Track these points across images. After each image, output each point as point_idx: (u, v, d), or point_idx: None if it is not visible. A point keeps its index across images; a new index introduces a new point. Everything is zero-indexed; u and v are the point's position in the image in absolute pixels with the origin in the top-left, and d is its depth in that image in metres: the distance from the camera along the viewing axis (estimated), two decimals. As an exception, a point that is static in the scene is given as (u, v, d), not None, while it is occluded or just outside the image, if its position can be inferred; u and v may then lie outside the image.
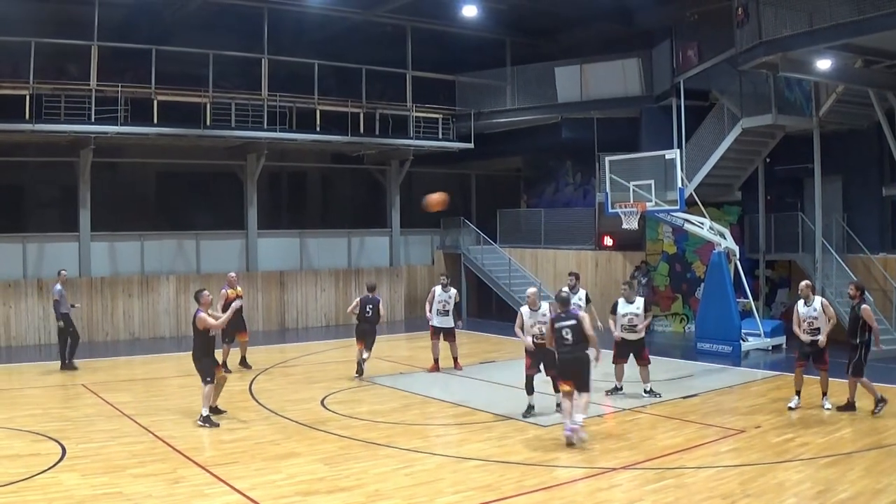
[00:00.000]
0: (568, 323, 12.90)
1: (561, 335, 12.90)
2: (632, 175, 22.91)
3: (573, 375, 12.79)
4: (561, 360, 13.04)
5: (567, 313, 13.07)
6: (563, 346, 12.93)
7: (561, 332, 12.90)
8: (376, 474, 11.26)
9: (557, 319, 13.06)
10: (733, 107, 24.42)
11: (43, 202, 28.69)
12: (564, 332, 12.87)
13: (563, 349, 12.94)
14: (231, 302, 16.62)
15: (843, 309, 21.45)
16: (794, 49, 18.78)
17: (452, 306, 19.82)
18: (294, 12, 27.16)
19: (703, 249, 25.22)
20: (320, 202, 35.58)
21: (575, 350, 12.84)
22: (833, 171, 23.80)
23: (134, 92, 24.67)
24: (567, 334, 12.85)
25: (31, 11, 25.20)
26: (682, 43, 25.78)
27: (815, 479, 10.76)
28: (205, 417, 14.10)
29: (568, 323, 12.90)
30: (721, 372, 19.48)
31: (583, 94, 28.86)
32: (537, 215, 32.25)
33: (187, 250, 27.86)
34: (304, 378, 19.20)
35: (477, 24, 29.27)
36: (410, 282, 32.26)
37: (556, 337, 12.95)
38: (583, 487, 10.76)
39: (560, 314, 13.12)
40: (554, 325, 13.05)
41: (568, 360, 12.90)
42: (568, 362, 12.90)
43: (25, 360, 21.62)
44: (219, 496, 10.34)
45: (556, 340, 12.98)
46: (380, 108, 29.47)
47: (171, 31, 27.60)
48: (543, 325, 14.24)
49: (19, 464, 11.55)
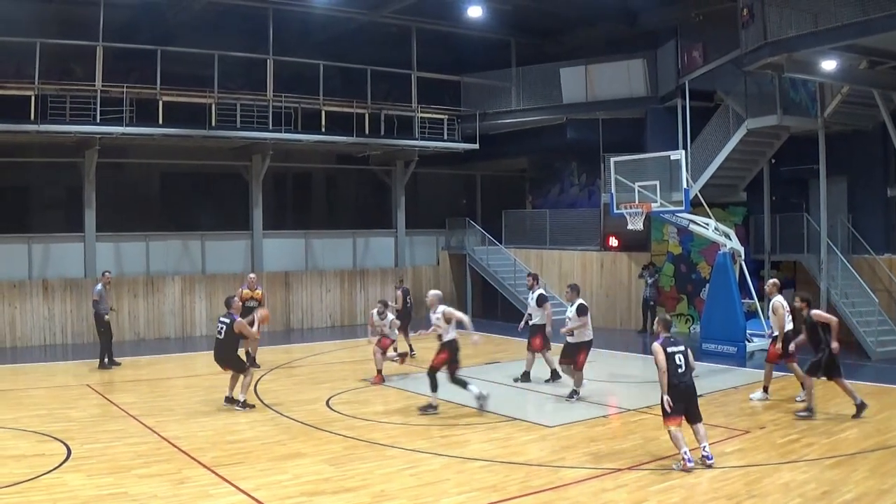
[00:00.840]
0: (678, 349, 12.02)
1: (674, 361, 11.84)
2: (637, 176, 22.90)
3: None
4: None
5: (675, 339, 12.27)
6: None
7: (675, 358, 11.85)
8: (381, 475, 11.27)
9: (668, 345, 12.00)
10: (738, 107, 24.40)
11: (48, 203, 28.72)
12: (678, 357, 11.88)
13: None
14: (245, 301, 17.97)
15: (847, 310, 21.53)
16: (800, 50, 18.75)
17: None
18: (299, 13, 27.18)
19: (709, 250, 25.19)
20: (325, 203, 35.60)
21: None
22: (838, 171, 23.76)
23: (139, 93, 24.69)
24: (680, 360, 11.89)
25: (36, 12, 25.24)
26: (687, 44, 25.80)
27: (820, 479, 10.75)
28: (243, 402, 15.45)
29: (678, 349, 12.02)
30: (726, 372, 19.46)
31: (588, 94, 28.86)
32: (542, 216, 32.25)
33: (192, 251, 27.88)
34: (309, 378, 19.22)
35: (482, 25, 29.28)
36: (416, 282, 32.20)
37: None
38: (588, 488, 10.76)
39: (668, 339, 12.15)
40: (666, 350, 11.91)
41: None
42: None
43: (31, 361, 21.64)
44: (224, 496, 10.36)
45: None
46: (385, 109, 29.47)
47: (175, 32, 27.61)
48: (438, 326, 15.47)
49: (24, 464, 11.58)
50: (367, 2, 27.04)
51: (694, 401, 11.93)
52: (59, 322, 24.67)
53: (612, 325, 27.30)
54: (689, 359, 12.03)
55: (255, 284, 20.41)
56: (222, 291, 26.89)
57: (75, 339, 24.79)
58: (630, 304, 27.64)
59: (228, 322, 15.42)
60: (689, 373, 11.91)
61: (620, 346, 23.39)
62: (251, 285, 20.27)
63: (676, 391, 11.69)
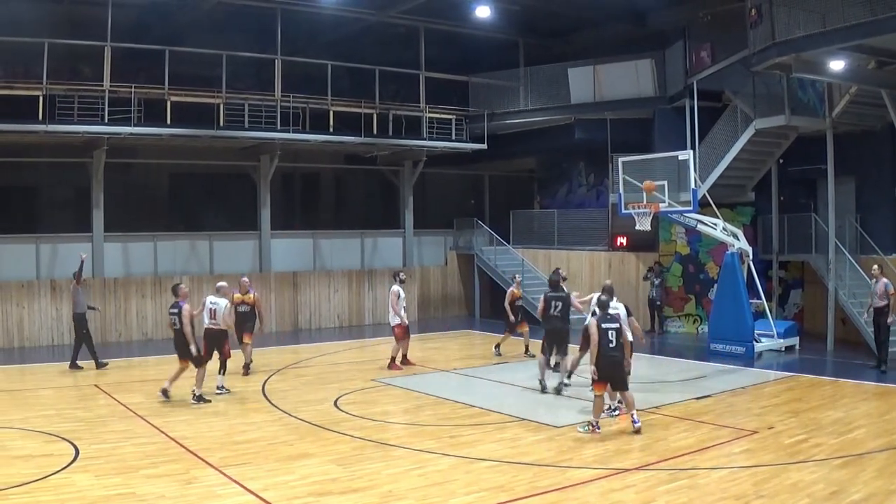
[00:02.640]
0: (613, 326, 13.67)
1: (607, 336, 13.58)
2: (645, 176, 22.84)
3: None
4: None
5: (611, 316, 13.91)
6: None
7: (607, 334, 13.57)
8: (389, 475, 11.28)
9: (603, 321, 13.74)
10: (746, 108, 24.38)
11: (56, 203, 28.76)
12: (610, 333, 13.57)
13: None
14: (236, 306, 18.03)
15: (855, 311, 21.51)
16: (808, 50, 18.72)
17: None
18: (307, 13, 27.19)
19: (717, 250, 25.17)
20: (333, 203, 35.62)
21: None
22: (846, 171, 23.72)
23: (147, 93, 24.70)
24: (612, 336, 13.55)
25: (44, 12, 25.30)
26: (695, 44, 25.78)
27: (829, 480, 10.74)
28: (199, 396, 15.99)
29: (613, 326, 13.67)
30: (734, 373, 19.44)
31: (596, 94, 28.82)
32: (550, 216, 32.25)
33: (200, 251, 27.91)
34: (317, 379, 19.22)
35: (490, 25, 29.29)
36: (423, 283, 32.25)
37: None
38: (596, 488, 10.75)
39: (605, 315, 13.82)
40: (601, 326, 13.59)
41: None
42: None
43: (38, 361, 21.68)
44: (232, 497, 10.37)
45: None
46: (393, 109, 29.47)
47: (184, 32, 27.65)
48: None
49: (32, 464, 11.60)
50: (375, 2, 27.05)
51: (618, 372, 13.58)
52: (66, 322, 24.61)
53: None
54: (622, 336, 13.75)
55: (247, 287, 19.81)
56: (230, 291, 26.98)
57: (83, 339, 24.83)
58: (638, 304, 27.55)
59: (177, 311, 15.83)
60: (618, 348, 13.54)
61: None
62: (243, 289, 19.73)
63: (604, 361, 13.48)
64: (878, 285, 19.16)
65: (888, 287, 18.97)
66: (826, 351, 22.24)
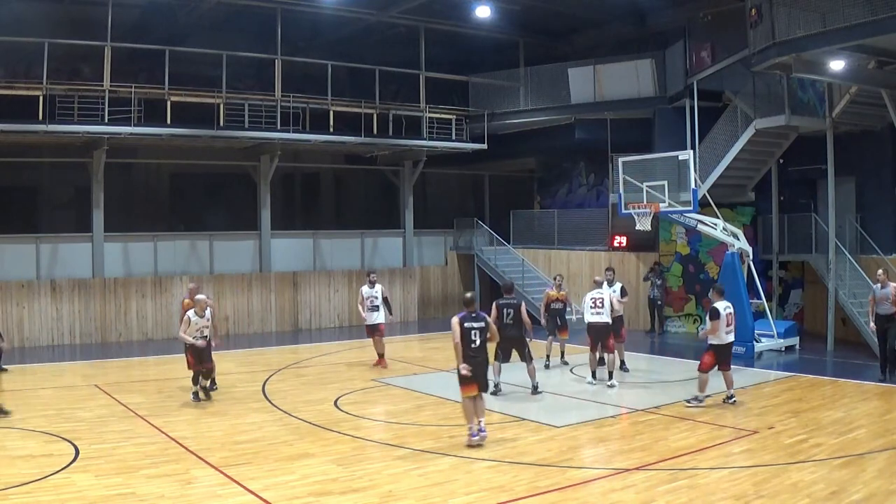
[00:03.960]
0: (477, 325, 13.02)
1: (470, 336, 12.96)
2: (645, 176, 22.93)
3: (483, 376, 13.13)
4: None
5: (477, 314, 13.20)
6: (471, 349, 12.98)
7: (470, 334, 12.96)
8: (389, 475, 11.28)
9: (467, 320, 13.08)
10: (746, 108, 24.38)
11: (56, 203, 28.81)
12: (473, 333, 12.97)
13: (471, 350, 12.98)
14: (186, 311, 16.78)
15: (857, 310, 21.49)
16: (808, 50, 18.72)
17: (381, 302, 20.65)
18: (307, 13, 27.22)
19: (717, 250, 25.18)
20: (334, 203, 35.65)
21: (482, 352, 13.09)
22: (846, 171, 23.72)
23: (147, 93, 24.71)
24: (476, 336, 12.98)
25: (44, 12, 25.37)
26: (695, 44, 25.80)
27: (829, 480, 10.73)
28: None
29: (477, 325, 13.02)
30: (734, 373, 19.32)
31: (596, 94, 28.82)
32: (550, 216, 32.24)
33: (201, 251, 27.91)
34: (317, 379, 19.22)
35: (490, 25, 29.31)
36: (424, 283, 32.25)
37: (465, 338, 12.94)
38: (596, 488, 10.76)
39: (469, 314, 13.16)
40: (463, 325, 12.99)
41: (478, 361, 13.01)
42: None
43: (38, 361, 21.66)
44: (232, 497, 10.37)
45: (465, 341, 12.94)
46: (393, 109, 29.47)
47: (184, 32, 27.71)
48: (205, 328, 16.19)
49: (33, 464, 11.61)
50: (375, 2, 27.06)
51: (482, 373, 13.01)
52: (66, 322, 24.71)
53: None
54: (487, 335, 13.13)
55: (194, 293, 17.55)
56: (230, 292, 27.07)
57: (83, 340, 24.84)
58: (638, 303, 27.60)
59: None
60: (482, 349, 13.02)
61: (629, 345, 23.29)
62: (192, 295, 17.63)
63: (470, 363, 12.82)
64: (885, 291, 18.01)
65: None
66: (826, 351, 22.23)
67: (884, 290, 18.02)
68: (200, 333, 16.16)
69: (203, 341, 16.15)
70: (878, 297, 18.11)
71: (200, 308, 16.29)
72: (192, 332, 16.09)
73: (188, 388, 16.46)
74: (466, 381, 12.77)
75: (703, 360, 15.50)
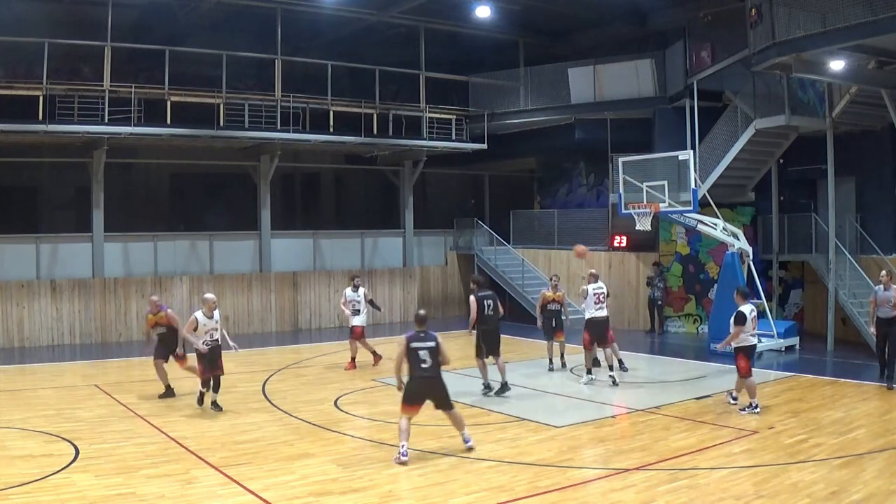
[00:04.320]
0: (426, 345, 12.38)
1: (418, 356, 12.31)
2: (645, 176, 22.93)
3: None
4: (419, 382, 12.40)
5: (427, 334, 12.55)
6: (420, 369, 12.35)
7: (418, 354, 12.31)
8: (389, 475, 11.29)
9: (414, 339, 12.44)
10: (746, 108, 24.38)
11: (56, 203, 28.79)
12: (422, 353, 12.31)
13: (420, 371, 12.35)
14: (152, 328, 16.59)
15: (857, 310, 21.48)
16: (808, 50, 18.71)
17: (363, 305, 20.61)
18: (307, 13, 27.20)
19: (717, 250, 25.18)
20: (334, 203, 35.64)
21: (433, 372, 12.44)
22: (846, 171, 23.72)
23: (147, 93, 24.69)
24: (425, 356, 12.31)
25: (44, 12, 25.33)
26: (695, 44, 25.79)
27: (829, 480, 10.74)
28: None
29: (426, 345, 12.38)
30: (734, 373, 19.34)
31: (596, 94, 28.80)
32: (550, 216, 32.22)
33: (201, 251, 27.89)
34: (317, 379, 19.22)
35: (490, 25, 29.30)
36: (424, 283, 32.24)
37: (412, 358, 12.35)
38: (596, 488, 10.76)
39: (418, 333, 12.53)
40: (409, 346, 12.38)
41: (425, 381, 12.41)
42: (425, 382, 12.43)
43: (38, 361, 21.67)
44: (232, 497, 10.37)
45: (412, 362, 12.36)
46: (393, 109, 29.45)
47: (184, 32, 27.70)
48: (214, 331, 15.23)
49: (33, 464, 11.61)
50: (375, 2, 27.05)
51: (438, 393, 12.47)
52: (66, 322, 24.70)
53: (621, 326, 27.21)
54: (440, 355, 12.49)
55: (157, 307, 16.85)
56: (230, 292, 27.06)
57: (83, 340, 24.84)
58: (638, 304, 27.63)
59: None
60: (433, 368, 12.39)
61: (629, 346, 23.33)
62: (153, 308, 16.84)
63: (416, 383, 12.33)
64: (887, 293, 17.14)
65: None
66: (826, 351, 22.22)
67: (886, 293, 17.14)
68: (210, 336, 15.12)
69: (203, 348, 15.08)
70: (879, 300, 17.28)
71: (209, 308, 15.23)
72: (201, 334, 15.03)
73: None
74: (408, 402, 12.25)
75: (740, 365, 14.93)
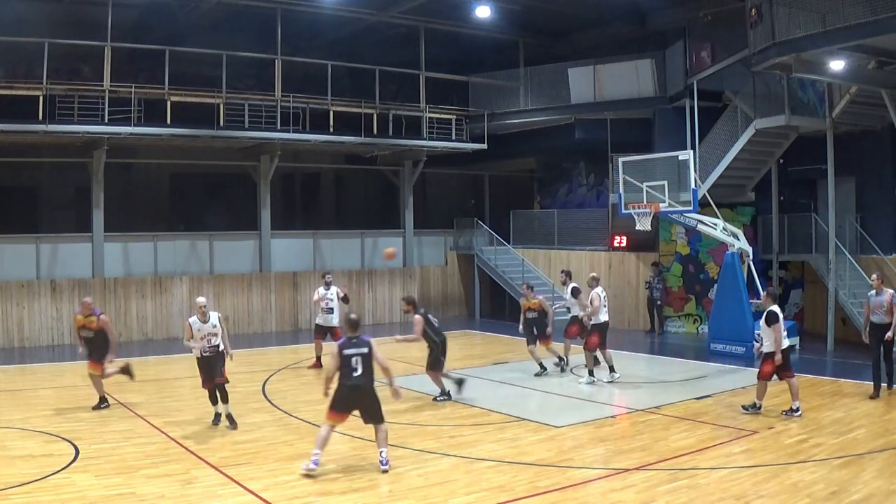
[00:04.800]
0: (359, 351, 11.77)
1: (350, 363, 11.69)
2: (645, 176, 22.92)
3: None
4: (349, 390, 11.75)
5: (360, 339, 11.93)
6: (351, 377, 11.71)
7: (350, 361, 11.70)
8: (389, 475, 11.30)
9: (347, 346, 11.86)
10: (746, 108, 24.38)
11: (56, 203, 28.79)
12: (353, 360, 11.70)
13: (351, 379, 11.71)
14: (79, 330, 15.70)
15: (856, 310, 21.48)
16: (808, 50, 18.72)
17: (336, 303, 20.56)
18: (307, 13, 27.19)
19: (717, 250, 25.17)
20: (334, 203, 35.65)
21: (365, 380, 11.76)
22: (846, 171, 23.73)
23: (147, 93, 24.67)
24: (357, 363, 11.70)
25: (44, 12, 25.32)
26: (695, 44, 25.79)
27: (829, 480, 10.74)
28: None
29: (359, 351, 11.77)
30: (734, 373, 19.44)
31: (596, 95, 28.80)
32: (550, 216, 32.21)
33: (201, 251, 27.88)
34: (317, 379, 19.15)
35: (490, 25, 29.28)
36: (424, 283, 32.22)
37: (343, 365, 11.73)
38: (596, 488, 10.76)
39: (350, 339, 11.94)
40: (342, 352, 11.80)
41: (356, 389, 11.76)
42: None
43: (38, 361, 21.67)
44: (232, 497, 10.38)
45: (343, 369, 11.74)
46: (393, 109, 29.44)
47: (184, 32, 27.69)
48: (213, 337, 14.02)
49: (33, 464, 11.61)
50: (375, 2, 27.04)
51: (368, 403, 11.76)
52: (66, 322, 24.64)
53: (621, 326, 27.25)
54: (376, 362, 11.84)
55: (89, 309, 15.70)
56: (230, 292, 27.07)
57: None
58: (638, 304, 27.64)
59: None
60: (364, 376, 11.69)
61: (629, 346, 23.39)
62: (84, 311, 15.73)
63: (345, 391, 11.73)
64: (879, 298, 16.29)
65: (895, 299, 16.16)
66: (826, 351, 22.23)
67: (879, 298, 16.29)
68: (207, 342, 14.07)
69: (200, 353, 14.21)
70: (872, 306, 16.44)
71: (201, 312, 14.08)
72: (197, 340, 14.06)
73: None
74: (334, 408, 11.77)
75: (766, 370, 14.57)
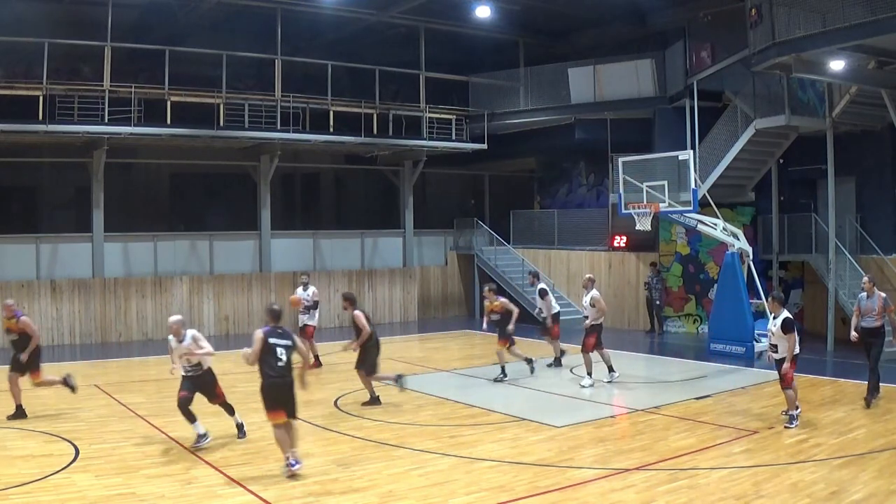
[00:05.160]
0: (283, 342, 11.46)
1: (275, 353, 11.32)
2: (645, 176, 22.91)
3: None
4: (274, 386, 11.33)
5: (283, 331, 11.65)
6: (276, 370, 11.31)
7: (276, 350, 11.34)
8: (389, 475, 11.28)
9: (272, 335, 11.48)
10: (746, 108, 24.39)
11: (56, 203, 28.80)
12: (279, 350, 11.36)
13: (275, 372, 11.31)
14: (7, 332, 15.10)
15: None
16: (808, 50, 18.73)
17: (312, 304, 21.16)
18: (308, 13, 27.20)
19: (717, 250, 25.17)
20: (334, 203, 35.66)
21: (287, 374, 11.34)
22: (846, 171, 23.73)
23: (147, 93, 24.68)
24: (282, 354, 11.35)
25: (44, 12, 25.33)
26: (695, 44, 25.80)
27: (829, 480, 10.73)
28: None
29: (283, 342, 11.46)
30: (734, 373, 19.44)
31: (596, 94, 28.80)
32: (550, 216, 32.23)
33: (200, 251, 27.89)
34: (317, 379, 19.13)
35: (490, 25, 29.29)
36: (424, 283, 32.23)
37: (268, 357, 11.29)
38: (596, 488, 10.75)
39: (275, 329, 11.60)
40: (267, 340, 11.38)
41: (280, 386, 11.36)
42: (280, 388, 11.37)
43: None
44: (232, 497, 10.37)
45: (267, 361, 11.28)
46: (393, 109, 29.44)
47: (184, 32, 27.69)
48: (191, 356, 12.95)
49: (33, 464, 11.61)
50: (375, 2, 27.04)
51: (291, 395, 11.37)
52: (66, 322, 24.70)
53: (621, 326, 27.28)
54: (298, 355, 11.66)
55: (11, 311, 15.10)
56: (230, 292, 27.07)
57: (83, 340, 24.84)
58: (638, 304, 27.63)
59: None
60: (286, 369, 11.30)
61: (629, 346, 23.39)
62: (7, 313, 15.07)
63: (274, 389, 11.29)
64: (870, 301, 15.62)
65: (887, 303, 15.58)
66: (826, 351, 22.22)
67: (869, 301, 15.61)
68: (188, 362, 13.10)
69: (179, 371, 13.30)
70: (863, 309, 15.71)
71: (174, 331, 12.99)
72: (175, 359, 13.18)
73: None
74: (272, 407, 11.30)
75: (788, 375, 13.89)
